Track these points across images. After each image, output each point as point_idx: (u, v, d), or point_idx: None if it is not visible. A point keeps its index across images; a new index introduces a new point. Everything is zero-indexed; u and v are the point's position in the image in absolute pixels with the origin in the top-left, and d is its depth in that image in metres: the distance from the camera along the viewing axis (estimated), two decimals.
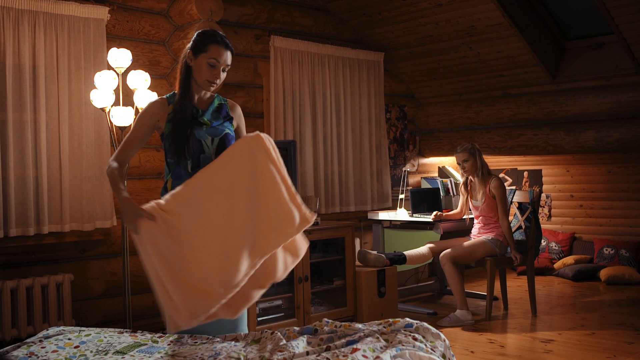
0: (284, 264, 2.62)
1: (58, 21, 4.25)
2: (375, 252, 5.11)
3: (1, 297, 3.96)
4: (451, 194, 6.18)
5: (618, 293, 5.80)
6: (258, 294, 2.60)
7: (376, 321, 2.59)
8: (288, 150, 4.74)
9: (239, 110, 2.88)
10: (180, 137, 2.63)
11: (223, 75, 2.72)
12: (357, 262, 5.12)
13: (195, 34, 2.73)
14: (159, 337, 2.58)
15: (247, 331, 2.75)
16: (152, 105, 2.73)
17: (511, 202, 5.26)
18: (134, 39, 4.71)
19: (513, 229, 5.19)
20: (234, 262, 2.42)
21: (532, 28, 5.78)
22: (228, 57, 2.70)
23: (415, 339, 2.32)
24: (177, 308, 2.36)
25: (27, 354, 2.32)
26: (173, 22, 4.90)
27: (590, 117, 5.89)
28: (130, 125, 4.21)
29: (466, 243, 5.08)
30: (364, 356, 2.17)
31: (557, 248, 6.89)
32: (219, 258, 2.42)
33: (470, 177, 5.22)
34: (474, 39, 5.85)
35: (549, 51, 5.93)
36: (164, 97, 2.76)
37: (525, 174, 7.21)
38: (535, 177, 7.15)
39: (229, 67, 2.72)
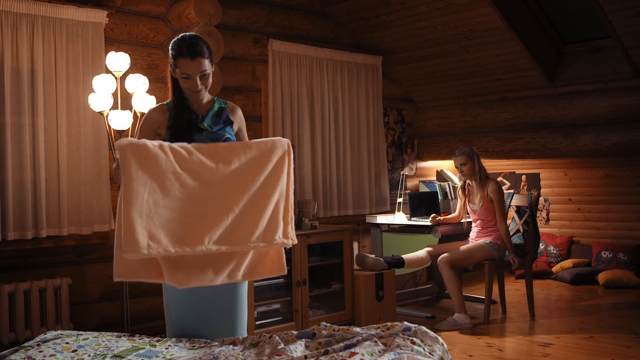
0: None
1: (56, 25, 4.26)
2: (373, 256, 5.11)
3: None
4: (449, 197, 6.18)
5: (616, 297, 5.80)
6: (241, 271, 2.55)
7: (374, 325, 2.59)
8: None
9: (239, 112, 2.85)
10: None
11: (206, 81, 2.65)
12: (356, 266, 5.12)
13: (169, 46, 2.69)
14: (157, 341, 2.58)
15: (245, 335, 2.74)
16: (151, 113, 2.72)
17: (509, 206, 5.26)
18: (132, 42, 4.72)
19: (511, 233, 5.19)
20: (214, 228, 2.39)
21: (530, 32, 5.79)
22: (200, 64, 2.58)
23: (414, 343, 2.32)
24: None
25: (24, 358, 2.31)
26: (171, 25, 4.90)
27: (588, 121, 5.89)
28: (129, 129, 4.22)
29: (464, 247, 5.08)
30: None
31: (555, 252, 6.89)
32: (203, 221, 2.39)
33: (468, 181, 5.22)
34: (472, 42, 5.86)
35: (546, 55, 5.94)
36: (164, 103, 2.76)
37: (523, 177, 7.21)
38: (533, 181, 7.15)
39: (207, 71, 2.62)
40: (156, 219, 2.33)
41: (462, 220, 5.39)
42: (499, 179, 7.27)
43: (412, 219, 5.66)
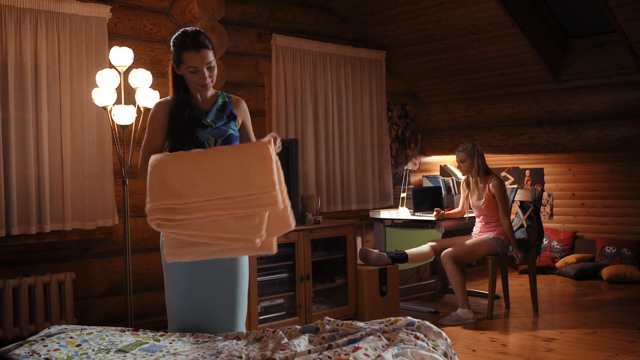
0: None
1: (60, 20, 4.25)
2: (376, 251, 5.11)
3: (3, 295, 3.96)
4: (453, 192, 6.18)
5: (620, 292, 5.79)
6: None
7: (378, 320, 2.59)
8: (290, 149, 4.74)
9: (243, 105, 2.82)
10: (179, 142, 2.63)
11: (212, 73, 2.64)
12: (359, 261, 5.12)
13: (171, 42, 2.69)
14: (161, 335, 2.59)
15: (244, 329, 2.75)
16: (158, 106, 2.71)
17: (513, 201, 5.26)
18: (135, 37, 4.71)
19: (515, 228, 5.18)
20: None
21: (534, 26, 5.78)
22: (207, 56, 2.60)
23: (417, 338, 2.32)
24: None
25: (29, 353, 2.32)
26: (175, 20, 4.90)
27: (591, 116, 5.88)
28: (132, 124, 4.22)
29: (468, 242, 5.08)
30: (365, 355, 2.17)
31: (558, 247, 6.88)
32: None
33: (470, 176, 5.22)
34: (476, 37, 5.84)
35: (550, 50, 5.93)
36: (169, 97, 2.76)
37: (527, 172, 7.20)
38: (537, 176, 7.14)
39: (213, 62, 2.63)
40: None
41: (465, 215, 5.39)
42: (503, 174, 7.26)
43: (416, 213, 5.66)
